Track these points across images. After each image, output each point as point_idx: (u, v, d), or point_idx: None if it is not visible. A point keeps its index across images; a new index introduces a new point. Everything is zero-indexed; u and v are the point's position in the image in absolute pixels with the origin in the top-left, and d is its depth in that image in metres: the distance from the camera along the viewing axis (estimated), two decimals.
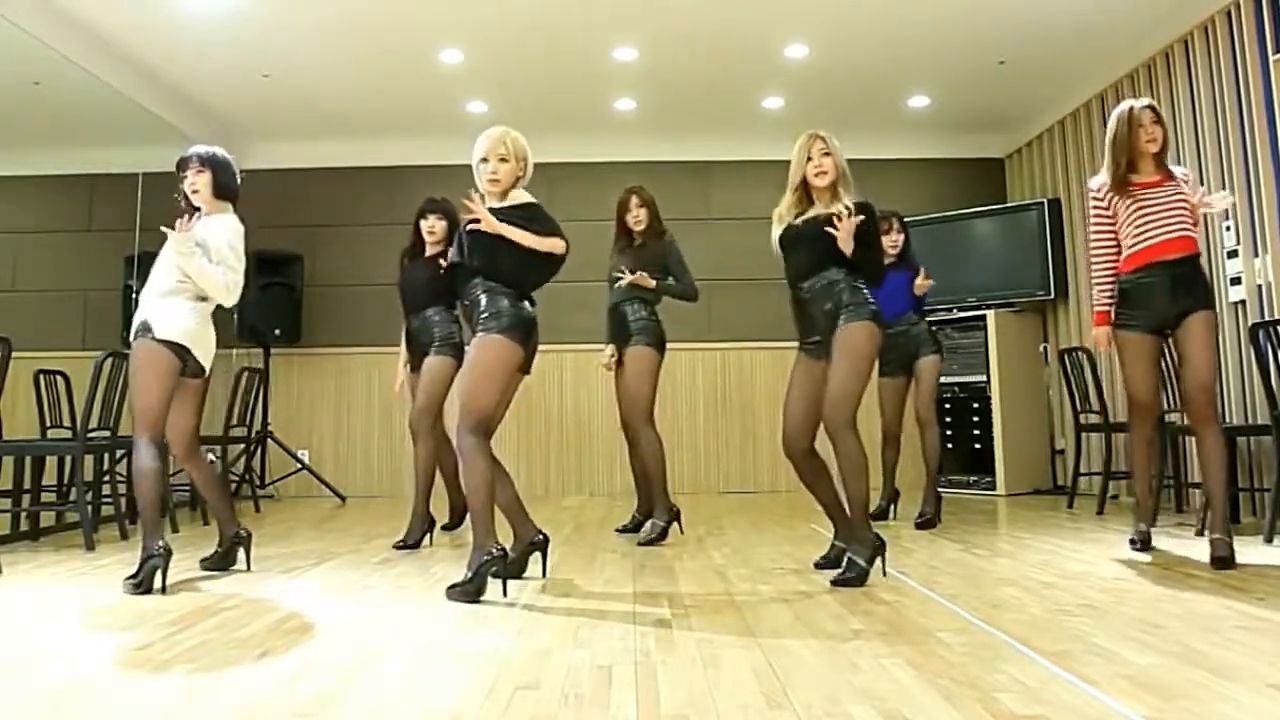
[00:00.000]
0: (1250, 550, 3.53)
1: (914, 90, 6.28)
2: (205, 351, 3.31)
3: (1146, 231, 3.40)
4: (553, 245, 3.03)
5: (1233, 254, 4.68)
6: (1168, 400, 4.40)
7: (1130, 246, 3.45)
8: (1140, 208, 3.42)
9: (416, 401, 4.09)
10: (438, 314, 4.13)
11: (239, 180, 3.48)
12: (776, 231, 3.27)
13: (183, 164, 3.41)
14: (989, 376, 6.15)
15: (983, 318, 6.21)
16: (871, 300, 3.11)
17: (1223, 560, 3.19)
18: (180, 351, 3.19)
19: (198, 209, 3.36)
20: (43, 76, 5.51)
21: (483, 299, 2.97)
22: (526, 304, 3.04)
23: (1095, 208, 3.58)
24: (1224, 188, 4.73)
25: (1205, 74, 4.88)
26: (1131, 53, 5.46)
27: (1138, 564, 3.32)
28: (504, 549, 2.88)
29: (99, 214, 7.06)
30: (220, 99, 6.24)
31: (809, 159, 3.18)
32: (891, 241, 4.53)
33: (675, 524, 4.14)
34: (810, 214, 3.19)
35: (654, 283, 4.17)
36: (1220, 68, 4.76)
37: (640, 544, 3.98)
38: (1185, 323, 3.34)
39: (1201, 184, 4.96)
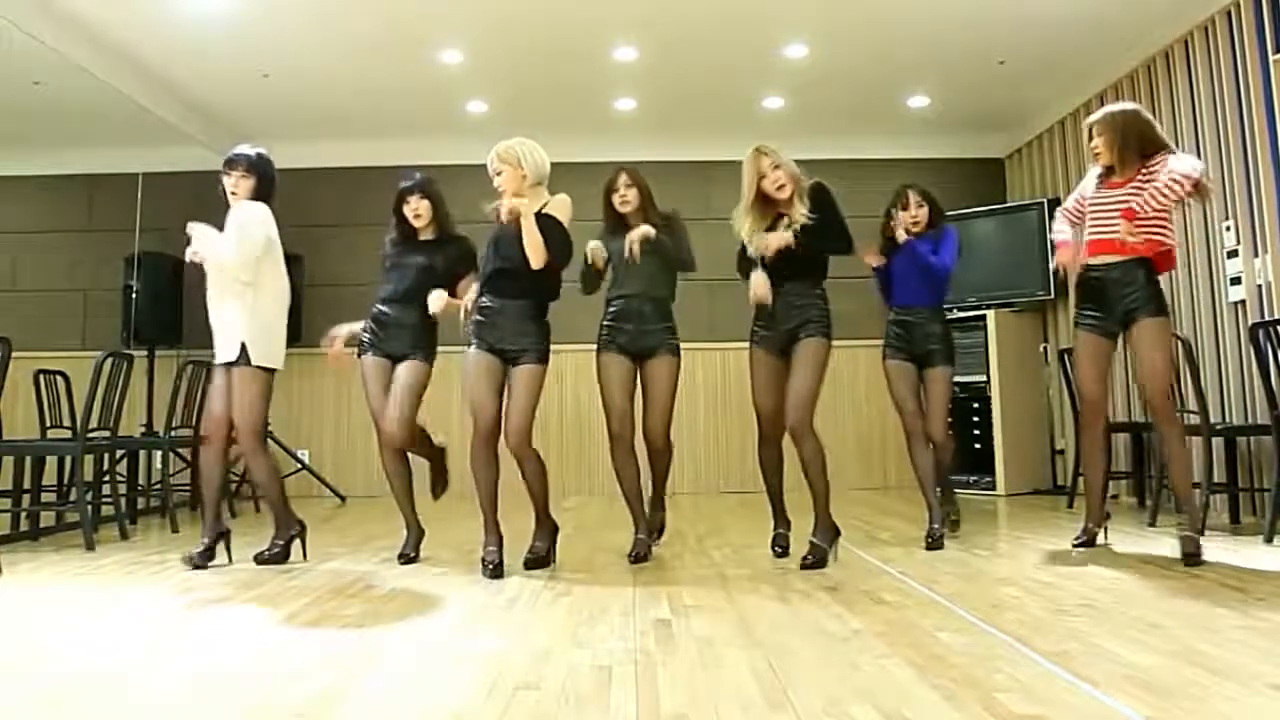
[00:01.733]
0: (1250, 550, 3.53)
1: (914, 90, 6.28)
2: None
3: (1086, 234, 3.60)
4: (536, 251, 3.26)
5: (1233, 254, 4.68)
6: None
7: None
8: (1091, 208, 3.60)
9: (403, 411, 3.62)
10: (421, 315, 3.70)
11: (275, 185, 3.74)
12: (745, 238, 3.53)
13: (231, 164, 3.60)
14: (989, 376, 6.15)
15: (983, 318, 6.21)
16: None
17: (1190, 557, 3.24)
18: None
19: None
20: (43, 76, 5.52)
21: (538, 327, 3.37)
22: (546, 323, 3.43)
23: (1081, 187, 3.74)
24: (1224, 188, 4.74)
25: (1205, 74, 4.89)
26: (1131, 53, 5.46)
27: (1137, 564, 3.32)
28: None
29: (99, 214, 7.07)
30: (220, 99, 6.24)
31: (762, 176, 3.47)
32: (912, 217, 4.04)
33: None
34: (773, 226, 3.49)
35: (653, 231, 3.59)
36: (1220, 68, 4.76)
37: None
38: (1132, 329, 3.45)
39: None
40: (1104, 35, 5.33)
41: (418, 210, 3.78)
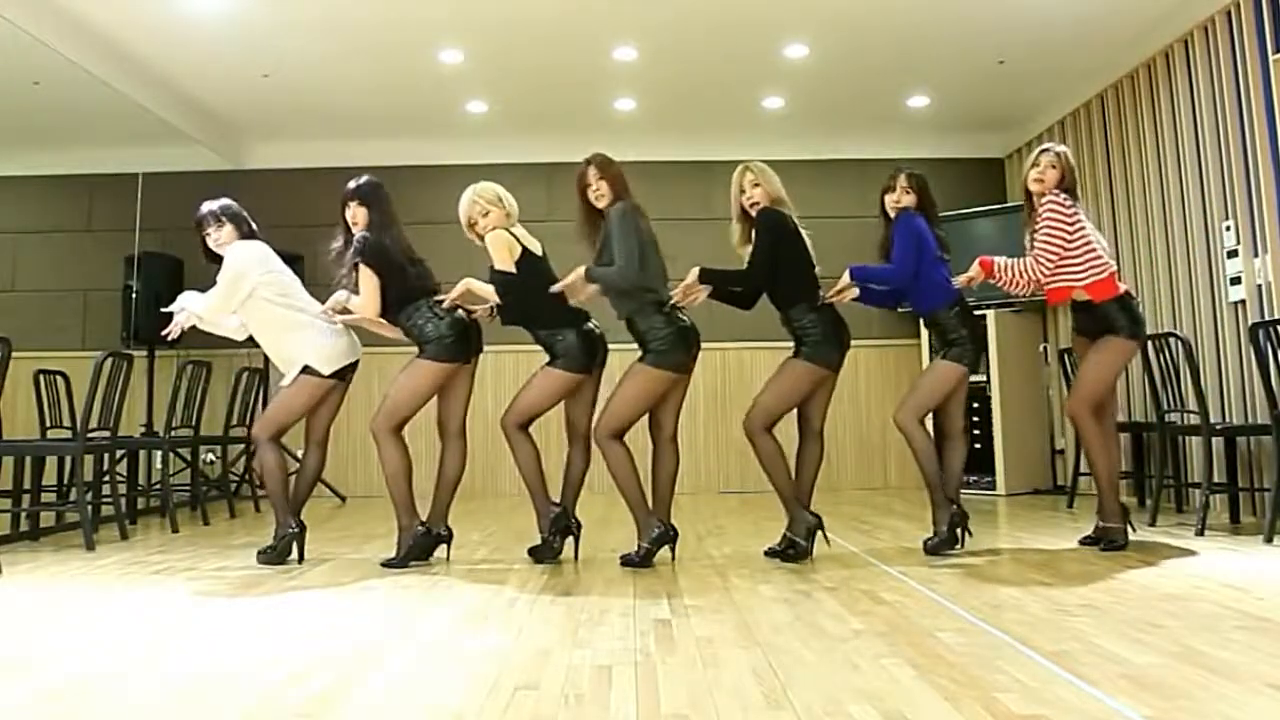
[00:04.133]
0: (1250, 550, 3.53)
1: (914, 90, 6.28)
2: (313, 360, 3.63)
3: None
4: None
5: (1233, 254, 4.68)
6: (1168, 400, 4.39)
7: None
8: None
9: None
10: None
11: (250, 222, 3.77)
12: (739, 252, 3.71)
13: (201, 223, 3.66)
14: (989, 376, 6.15)
15: (983, 317, 6.20)
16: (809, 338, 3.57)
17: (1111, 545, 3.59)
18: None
19: (218, 258, 3.66)
20: (43, 76, 5.52)
21: (543, 337, 3.62)
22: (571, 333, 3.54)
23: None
24: (1224, 188, 4.74)
25: (1205, 74, 4.88)
26: (1131, 53, 5.46)
27: (1137, 564, 3.32)
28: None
29: (99, 214, 7.07)
30: (220, 99, 6.24)
31: (742, 191, 3.65)
32: (894, 201, 3.72)
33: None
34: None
35: (588, 290, 3.54)
36: (1220, 68, 4.76)
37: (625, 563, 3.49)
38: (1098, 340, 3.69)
39: (1204, 191, 4.96)
40: (1104, 35, 5.33)
41: (355, 217, 4.00)
